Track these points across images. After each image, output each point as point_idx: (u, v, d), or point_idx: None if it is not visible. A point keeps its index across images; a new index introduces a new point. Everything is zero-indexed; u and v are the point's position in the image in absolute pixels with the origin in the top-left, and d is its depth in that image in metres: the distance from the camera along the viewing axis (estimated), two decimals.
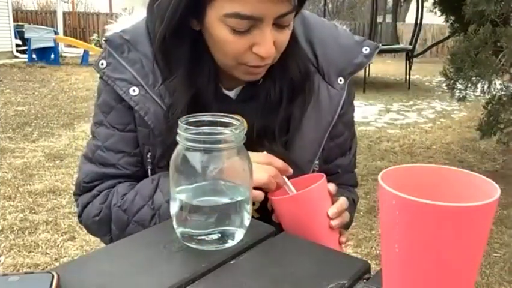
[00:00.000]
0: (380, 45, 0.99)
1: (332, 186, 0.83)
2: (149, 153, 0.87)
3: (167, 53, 0.83)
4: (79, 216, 0.92)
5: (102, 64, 0.86)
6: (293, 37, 0.87)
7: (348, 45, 0.93)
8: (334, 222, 0.80)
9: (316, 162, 0.92)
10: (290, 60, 0.87)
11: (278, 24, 0.76)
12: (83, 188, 0.91)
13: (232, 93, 0.90)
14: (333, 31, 0.95)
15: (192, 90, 0.83)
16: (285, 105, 0.88)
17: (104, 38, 0.88)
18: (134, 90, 0.84)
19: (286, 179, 0.81)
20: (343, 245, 0.87)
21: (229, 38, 0.76)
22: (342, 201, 0.83)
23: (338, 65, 0.92)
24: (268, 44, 0.76)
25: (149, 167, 0.88)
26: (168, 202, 0.78)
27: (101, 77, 0.88)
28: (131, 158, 0.89)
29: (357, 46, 0.93)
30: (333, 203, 0.83)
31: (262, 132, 0.87)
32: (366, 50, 0.93)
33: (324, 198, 0.81)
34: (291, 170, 0.82)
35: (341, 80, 0.92)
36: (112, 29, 0.90)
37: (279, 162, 0.81)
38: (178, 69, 0.83)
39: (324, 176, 0.82)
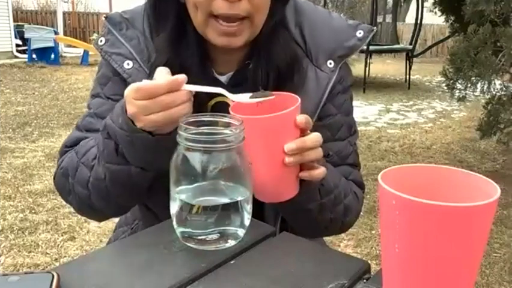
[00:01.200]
0: (375, 28, 0.96)
1: (302, 118, 0.71)
2: None
3: (155, 21, 0.88)
4: (54, 177, 0.93)
5: (101, 41, 0.91)
6: (281, 22, 0.89)
7: (339, 27, 0.92)
8: (288, 159, 0.70)
9: None
10: (276, 45, 0.87)
11: None
12: (63, 152, 0.93)
13: (224, 78, 0.91)
14: (325, 15, 0.95)
15: (171, 53, 0.84)
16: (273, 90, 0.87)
17: (104, 15, 0.93)
18: (128, 64, 0.88)
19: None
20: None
21: None
22: (311, 137, 0.72)
23: (328, 47, 0.91)
24: None
25: None
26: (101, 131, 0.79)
27: (102, 57, 0.92)
28: None
29: (350, 29, 0.92)
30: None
31: None
32: (360, 33, 0.92)
33: (286, 130, 0.70)
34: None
35: (330, 63, 0.91)
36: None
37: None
38: (162, 34, 0.86)
39: (299, 101, 0.71)
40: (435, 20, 6.52)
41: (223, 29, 0.80)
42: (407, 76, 8.40)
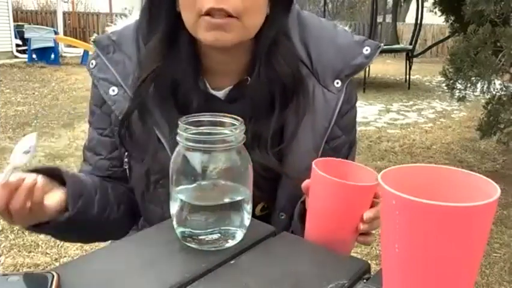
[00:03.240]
0: (382, 44, 0.93)
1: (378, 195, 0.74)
2: (126, 153, 0.89)
3: (149, 29, 0.86)
4: None
5: (92, 64, 0.90)
6: (284, 33, 0.86)
7: (346, 45, 0.89)
8: (363, 226, 0.74)
9: None
10: (277, 56, 0.83)
11: None
12: None
13: (220, 94, 0.88)
14: (330, 31, 0.91)
15: (160, 62, 0.82)
16: (277, 113, 0.85)
17: (92, 39, 0.91)
18: (113, 90, 0.87)
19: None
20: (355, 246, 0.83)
21: None
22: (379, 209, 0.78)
23: (334, 67, 0.88)
24: None
25: (126, 167, 0.91)
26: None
27: (93, 82, 0.92)
28: (105, 161, 0.93)
29: (356, 46, 0.89)
30: (371, 206, 0.76)
31: (254, 139, 0.83)
32: (367, 50, 0.89)
33: (369, 199, 0.75)
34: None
35: (337, 83, 0.88)
36: (109, 30, 0.94)
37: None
38: (151, 41, 0.85)
39: (378, 177, 0.75)
40: (435, 20, 6.52)
41: (211, 21, 0.76)
42: (407, 76, 8.40)
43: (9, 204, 0.70)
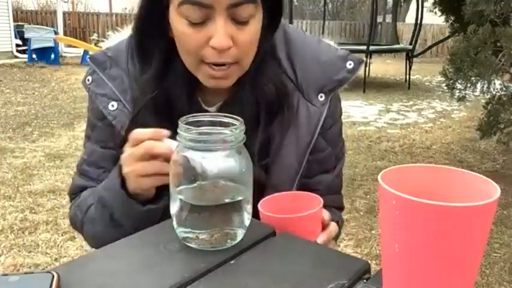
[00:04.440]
0: (364, 59, 0.96)
1: (326, 215, 0.82)
2: None
3: (142, 57, 0.87)
4: (70, 224, 0.99)
5: (88, 80, 0.92)
6: (269, 54, 0.89)
7: (328, 61, 0.92)
8: None
9: (297, 182, 0.91)
10: (264, 76, 0.87)
11: (235, 19, 0.77)
12: (71, 199, 0.98)
13: (213, 109, 0.91)
14: (314, 48, 0.93)
15: (157, 88, 0.84)
16: (262, 127, 0.88)
17: (88, 56, 0.94)
18: (112, 105, 0.89)
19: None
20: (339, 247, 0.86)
21: (187, 30, 0.78)
22: (332, 228, 0.82)
23: (318, 82, 0.91)
24: (220, 35, 0.76)
25: None
26: (105, 189, 0.84)
27: (89, 96, 0.93)
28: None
29: (339, 61, 0.92)
30: (323, 229, 0.81)
31: None
32: (350, 64, 0.91)
33: (317, 224, 0.80)
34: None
35: (321, 97, 0.91)
36: (103, 46, 0.96)
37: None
38: (149, 70, 0.86)
39: (322, 201, 0.80)
40: (435, 20, 6.52)
41: (213, 73, 0.80)
42: (407, 76, 8.41)
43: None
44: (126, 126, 0.86)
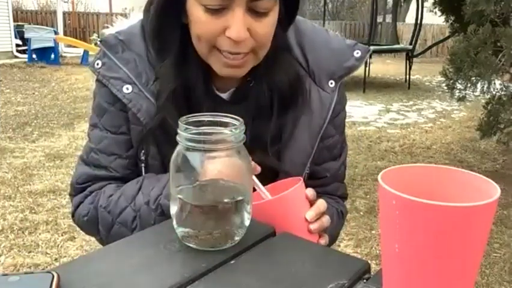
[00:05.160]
0: (371, 48, 0.99)
1: (310, 191, 0.82)
2: (143, 151, 0.89)
3: (159, 45, 0.86)
4: (72, 215, 0.94)
5: (98, 64, 0.89)
6: (284, 46, 0.90)
7: (339, 49, 0.94)
8: (313, 226, 0.79)
9: (309, 165, 0.93)
10: (278, 67, 0.88)
11: (253, 10, 0.77)
12: (76, 189, 0.93)
13: (225, 95, 0.91)
14: (324, 35, 0.96)
15: (177, 80, 0.84)
16: (276, 117, 0.89)
17: (99, 39, 0.91)
18: (127, 88, 0.86)
19: (257, 181, 0.79)
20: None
21: (203, 17, 0.77)
22: (320, 203, 0.82)
23: (329, 68, 0.92)
24: (239, 26, 0.75)
25: (142, 165, 0.90)
26: (148, 204, 0.81)
27: (97, 80, 0.91)
28: (122, 161, 0.91)
29: (348, 50, 0.94)
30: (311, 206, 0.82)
31: (254, 140, 0.84)
32: (357, 53, 0.93)
33: (301, 203, 0.80)
34: (258, 168, 0.81)
35: (331, 83, 0.92)
36: (108, 32, 0.94)
37: None
38: (167, 60, 0.86)
39: (302, 179, 0.81)
40: (435, 20, 6.52)
41: (228, 61, 0.80)
42: (407, 76, 8.40)
43: None
44: (144, 111, 0.86)
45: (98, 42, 0.90)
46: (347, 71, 0.93)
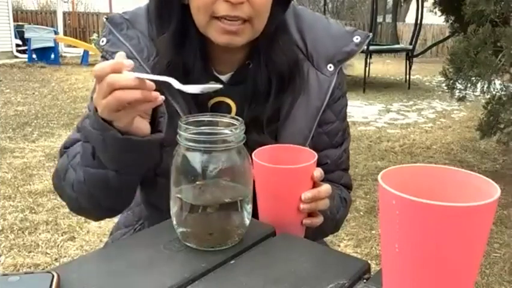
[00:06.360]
0: (371, 34, 1.01)
1: (317, 172, 0.79)
2: None
3: (159, 21, 0.89)
4: (52, 177, 0.93)
5: (103, 41, 0.92)
6: (283, 27, 0.92)
7: (338, 34, 0.96)
8: (302, 206, 0.76)
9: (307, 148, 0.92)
10: (276, 47, 0.90)
11: None
12: (62, 153, 0.93)
13: (224, 77, 0.93)
14: (323, 22, 0.98)
15: (174, 53, 0.86)
16: (273, 98, 0.90)
17: (105, 17, 0.94)
18: None
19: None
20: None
21: None
22: (323, 189, 0.79)
23: (328, 52, 0.94)
24: None
25: None
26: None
27: (101, 56, 0.93)
28: None
29: (348, 35, 0.95)
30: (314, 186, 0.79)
31: (252, 121, 0.87)
32: (357, 39, 0.95)
33: (308, 180, 0.77)
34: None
35: (330, 67, 0.94)
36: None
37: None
38: (166, 34, 0.88)
39: (316, 157, 0.78)
40: (435, 20, 6.52)
41: (225, 27, 0.82)
42: (407, 76, 8.40)
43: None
44: None
45: (104, 20, 0.94)
46: (345, 55, 0.94)
